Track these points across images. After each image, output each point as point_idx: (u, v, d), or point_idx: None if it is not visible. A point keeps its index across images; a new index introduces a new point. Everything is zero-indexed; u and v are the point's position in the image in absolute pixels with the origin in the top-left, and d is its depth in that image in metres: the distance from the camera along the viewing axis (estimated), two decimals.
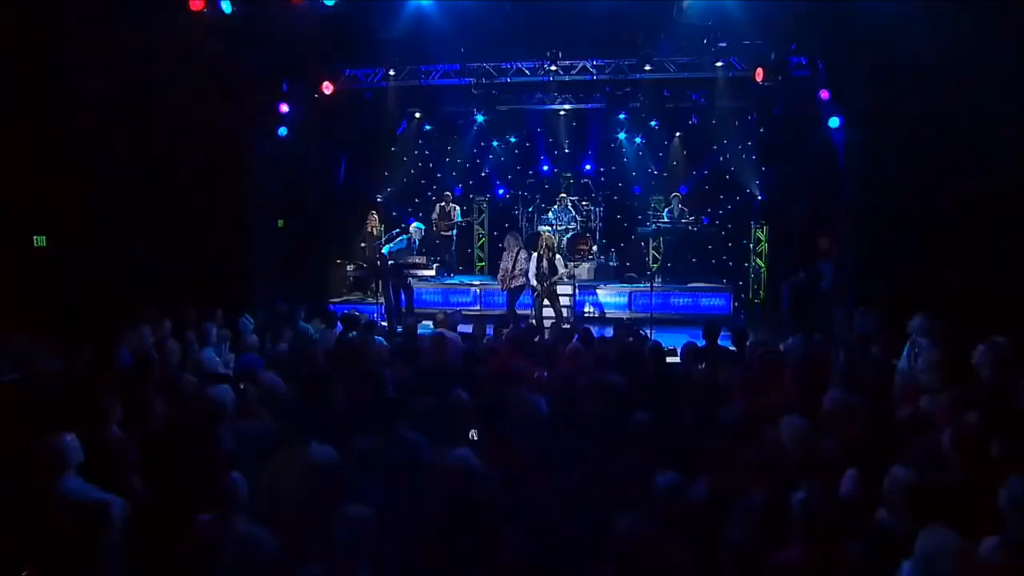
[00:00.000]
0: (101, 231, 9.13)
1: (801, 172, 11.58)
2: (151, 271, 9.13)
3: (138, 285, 8.78)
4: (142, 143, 9.10)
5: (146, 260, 9.23)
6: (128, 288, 8.72)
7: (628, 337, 7.64)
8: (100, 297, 8.62)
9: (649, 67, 10.73)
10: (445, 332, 8.12)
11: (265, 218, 10.89)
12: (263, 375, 6.21)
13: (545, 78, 11.56)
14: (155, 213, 9.37)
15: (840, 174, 10.06)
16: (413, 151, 15.11)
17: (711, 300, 12.21)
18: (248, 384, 5.72)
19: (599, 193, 14.38)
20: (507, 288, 10.39)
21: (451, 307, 12.43)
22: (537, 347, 7.66)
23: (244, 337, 7.56)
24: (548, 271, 10.13)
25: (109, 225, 9.17)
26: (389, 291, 10.31)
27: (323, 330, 8.76)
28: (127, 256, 9.12)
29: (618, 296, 12.40)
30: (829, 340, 7.38)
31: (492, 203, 15.44)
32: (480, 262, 15.47)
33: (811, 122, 10.59)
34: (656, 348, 6.47)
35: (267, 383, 6.13)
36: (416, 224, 11.02)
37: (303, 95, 11.04)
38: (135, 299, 8.09)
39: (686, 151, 14.68)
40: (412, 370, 6.67)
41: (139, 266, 9.12)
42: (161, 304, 8.10)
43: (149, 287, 8.81)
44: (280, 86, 10.59)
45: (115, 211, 9.13)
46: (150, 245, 9.34)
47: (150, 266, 9.19)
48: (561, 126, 14.76)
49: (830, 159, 10.24)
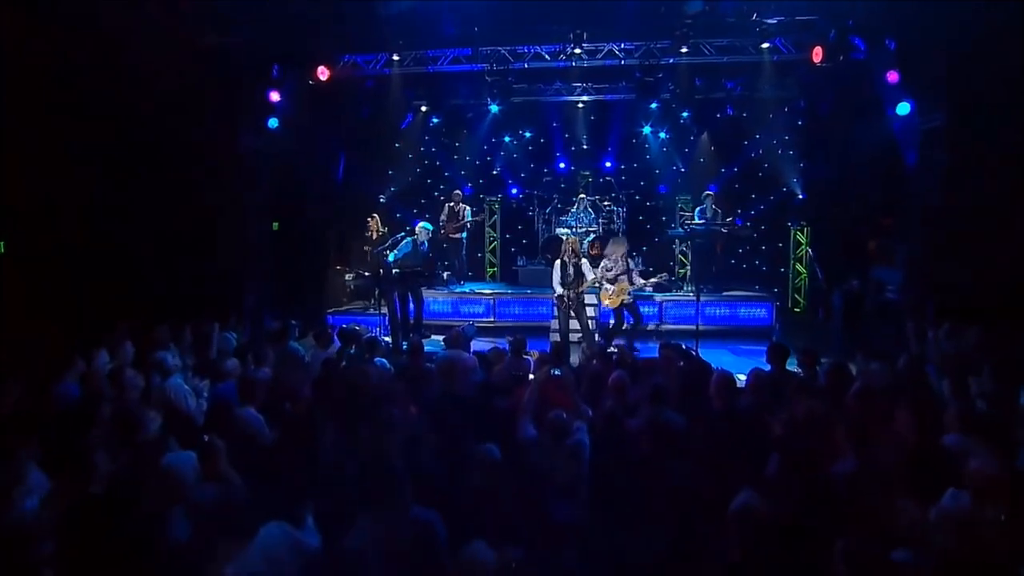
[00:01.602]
0: (66, 237, 7.96)
1: (853, 167, 10.36)
2: (123, 281, 7.98)
3: (107, 297, 7.63)
4: (112, 136, 7.95)
5: (117, 268, 8.08)
6: (96, 300, 7.56)
7: (679, 360, 6.40)
8: (61, 313, 7.45)
9: (686, 49, 9.51)
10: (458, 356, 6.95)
11: (254, 220, 9.70)
12: (239, 415, 5.04)
13: (567, 63, 10.35)
14: (128, 215, 8.21)
15: (906, 168, 8.84)
16: (419, 147, 13.94)
17: (751, 310, 11.00)
18: (218, 432, 4.52)
19: (621, 192, 13.17)
20: (617, 303, 9.14)
21: (462, 319, 11.29)
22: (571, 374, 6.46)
23: (221, 361, 6.35)
24: (574, 278, 8.95)
25: (75, 230, 8.01)
26: (394, 302, 9.07)
27: (316, 351, 7.61)
28: (95, 264, 7.95)
29: (647, 306, 11.18)
30: (919, 365, 6.14)
31: (504, 203, 14.22)
32: (492, 268, 14.26)
33: (867, 110, 9.40)
34: (726, 380, 5.24)
35: (243, 425, 4.98)
36: (422, 224, 9.85)
37: (296, 82, 9.85)
38: (103, 313, 6.94)
39: (714, 146, 13.45)
40: (419, 405, 5.50)
41: (109, 275, 7.97)
42: (133, 318, 6.98)
43: (120, 299, 7.66)
44: (270, 72, 9.38)
45: (83, 213, 7.98)
46: (122, 251, 8.18)
47: (121, 275, 8.03)
48: (579, 119, 13.62)
49: (891, 152, 9.04)
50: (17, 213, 7.69)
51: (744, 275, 12.63)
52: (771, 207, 13.00)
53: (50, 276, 7.68)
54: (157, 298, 8.17)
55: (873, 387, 4.91)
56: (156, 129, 8.19)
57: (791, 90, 11.17)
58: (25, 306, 7.25)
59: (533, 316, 11.30)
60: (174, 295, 8.21)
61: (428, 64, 10.67)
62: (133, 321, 7.22)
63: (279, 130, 9.76)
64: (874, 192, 9.93)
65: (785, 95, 11.36)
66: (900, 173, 9.02)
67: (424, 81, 11.45)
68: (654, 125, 13.52)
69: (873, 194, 10.01)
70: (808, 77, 9.93)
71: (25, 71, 7.24)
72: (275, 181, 10.08)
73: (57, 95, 7.49)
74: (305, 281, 11.22)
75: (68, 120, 7.51)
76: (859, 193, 10.45)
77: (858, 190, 10.45)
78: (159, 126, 8.19)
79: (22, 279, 7.56)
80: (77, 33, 7.51)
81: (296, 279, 10.97)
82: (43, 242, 7.90)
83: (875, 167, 9.62)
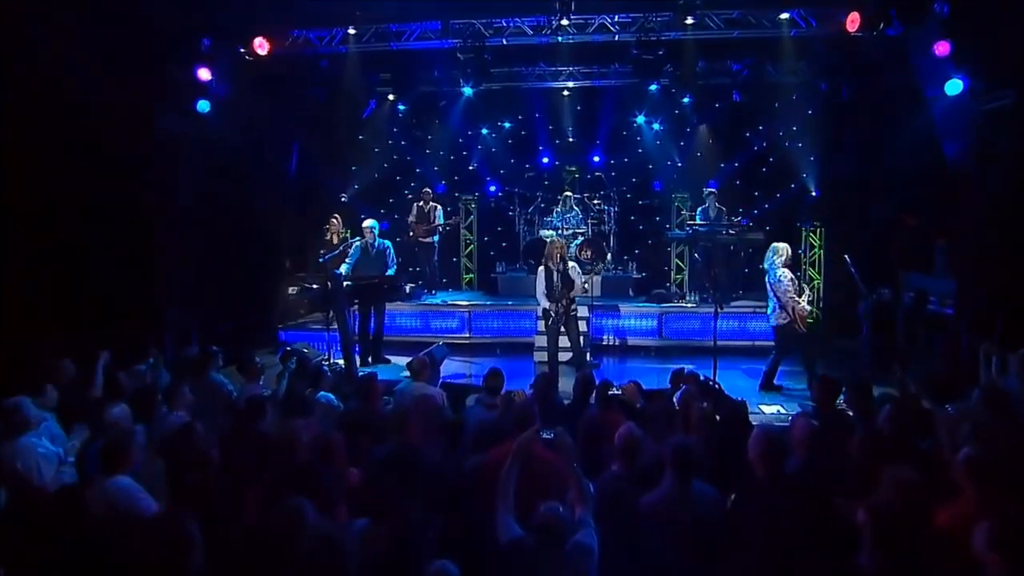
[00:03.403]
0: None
1: (880, 158, 9.04)
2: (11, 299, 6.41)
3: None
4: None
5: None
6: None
7: (700, 399, 4.96)
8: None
9: (692, 20, 8.13)
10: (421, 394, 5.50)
11: (181, 220, 8.14)
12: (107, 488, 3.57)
13: (551, 39, 8.93)
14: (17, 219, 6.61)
15: (944, 158, 7.54)
16: (387, 139, 12.47)
17: (763, 324, 9.60)
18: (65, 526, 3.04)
19: (612, 189, 11.76)
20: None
21: (433, 335, 9.83)
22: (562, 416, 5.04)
23: (107, 411, 4.78)
24: (562, 287, 7.54)
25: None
26: (347, 320, 7.51)
27: (245, 385, 6.12)
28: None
29: (643, 320, 9.81)
30: (1005, 402, 4.78)
31: (482, 203, 12.75)
32: (468, 275, 12.78)
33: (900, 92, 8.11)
34: (770, 441, 3.78)
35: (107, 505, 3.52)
36: (369, 222, 8.41)
37: (233, 59, 8.32)
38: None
39: (714, 137, 12.10)
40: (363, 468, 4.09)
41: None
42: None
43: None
44: (198, 45, 7.84)
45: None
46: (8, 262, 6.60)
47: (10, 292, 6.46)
48: (565, 108, 12.29)
49: (928, 138, 7.74)
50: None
51: (746, 282, 11.28)
52: (778, 205, 11.67)
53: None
54: (57, 318, 6.62)
55: (983, 457, 3.49)
56: (57, 115, 6.61)
57: (803, 74, 9.81)
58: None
59: (514, 331, 9.91)
60: (75, 316, 6.65)
61: (391, 40, 9.21)
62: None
63: (211, 115, 8.21)
64: (906, 187, 8.60)
65: (798, 80, 9.99)
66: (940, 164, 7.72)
67: (387, 61, 9.98)
68: (648, 114, 12.16)
69: (904, 189, 8.68)
70: (831, 56, 8.57)
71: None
72: (211, 175, 8.53)
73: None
74: (254, 292, 9.66)
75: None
76: (887, 187, 9.12)
77: (886, 184, 9.12)
78: (61, 111, 6.61)
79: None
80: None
81: (243, 290, 9.42)
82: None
83: (909, 158, 8.28)
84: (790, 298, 7.09)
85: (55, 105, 6.33)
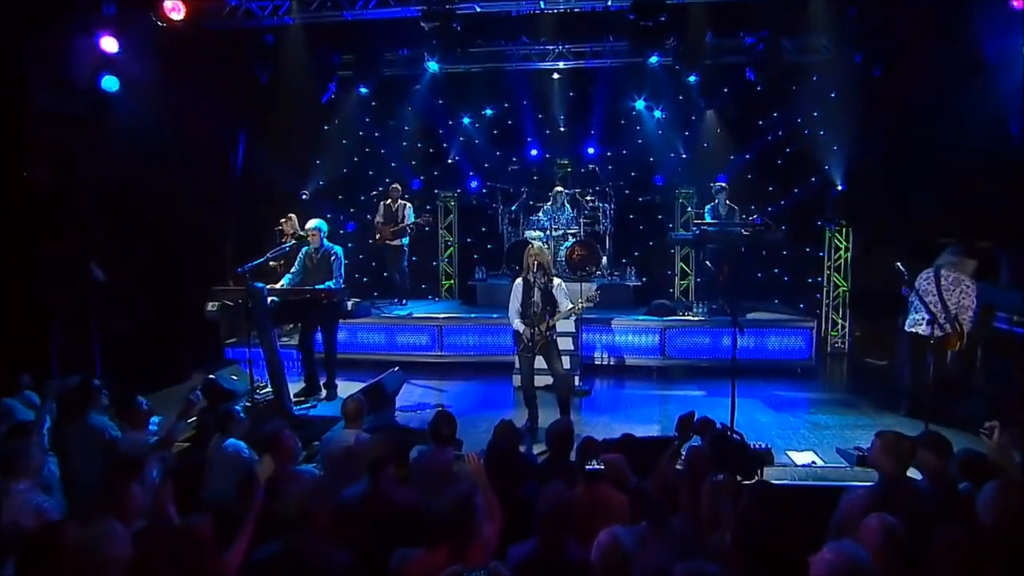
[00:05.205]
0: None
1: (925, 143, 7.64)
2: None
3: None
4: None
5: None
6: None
7: (716, 469, 3.54)
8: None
9: None
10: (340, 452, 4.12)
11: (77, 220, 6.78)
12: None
13: (533, 6, 7.55)
14: None
15: (1011, 141, 6.16)
16: (355, 130, 11.12)
17: (784, 340, 8.25)
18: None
19: (607, 184, 10.35)
20: None
21: (400, 353, 8.47)
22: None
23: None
24: (542, 306, 6.04)
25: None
26: (271, 342, 6.00)
27: (131, 433, 4.79)
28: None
29: (644, 335, 8.41)
30: None
31: (463, 200, 11.37)
32: (448, 280, 11.40)
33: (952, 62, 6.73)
34: None
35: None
36: (315, 223, 7.07)
37: (151, 31, 6.95)
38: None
39: (723, 126, 10.71)
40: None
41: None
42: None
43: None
44: (98, 7, 6.47)
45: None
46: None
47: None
48: (555, 94, 10.97)
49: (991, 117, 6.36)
50: None
51: (760, 289, 9.88)
52: (798, 202, 10.26)
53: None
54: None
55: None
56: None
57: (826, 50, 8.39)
58: None
59: (493, 348, 8.54)
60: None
61: (344, 9, 7.83)
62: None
63: (121, 95, 6.84)
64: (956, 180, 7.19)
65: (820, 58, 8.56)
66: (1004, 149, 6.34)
67: (344, 35, 8.59)
68: (649, 99, 10.79)
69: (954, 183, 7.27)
70: (866, 19, 7.17)
71: None
72: (125, 169, 7.17)
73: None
74: (188, 307, 8.31)
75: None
76: (929, 180, 7.71)
77: (928, 176, 7.72)
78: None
79: None
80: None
81: (174, 304, 8.09)
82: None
83: (963, 141, 6.89)
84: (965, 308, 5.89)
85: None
